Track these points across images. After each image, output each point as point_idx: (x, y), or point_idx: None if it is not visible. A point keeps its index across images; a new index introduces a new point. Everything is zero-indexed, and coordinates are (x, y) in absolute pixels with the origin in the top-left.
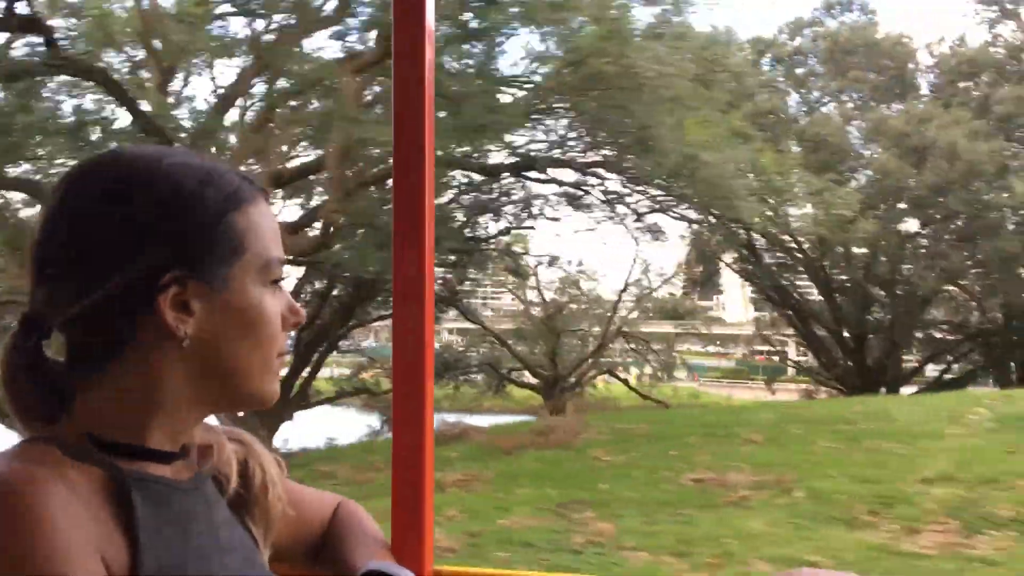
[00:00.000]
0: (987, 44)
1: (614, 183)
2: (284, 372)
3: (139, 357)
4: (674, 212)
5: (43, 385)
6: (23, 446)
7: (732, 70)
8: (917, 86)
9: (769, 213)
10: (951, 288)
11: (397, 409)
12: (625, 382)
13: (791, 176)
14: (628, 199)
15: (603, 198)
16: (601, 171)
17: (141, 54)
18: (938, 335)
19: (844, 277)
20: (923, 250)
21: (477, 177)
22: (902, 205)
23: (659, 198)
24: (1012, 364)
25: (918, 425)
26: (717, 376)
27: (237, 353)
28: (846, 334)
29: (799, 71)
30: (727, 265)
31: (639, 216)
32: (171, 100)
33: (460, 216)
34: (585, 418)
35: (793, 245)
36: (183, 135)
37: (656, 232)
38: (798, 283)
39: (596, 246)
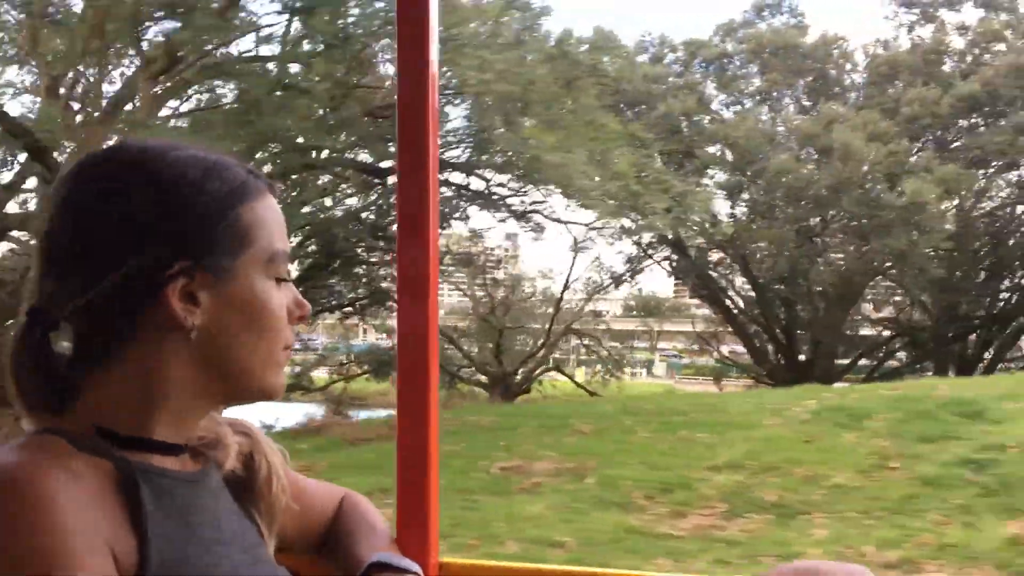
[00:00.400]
0: (914, 46)
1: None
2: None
3: (145, 350)
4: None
5: (49, 378)
6: (30, 438)
7: (608, 75)
8: (845, 88)
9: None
10: (889, 284)
11: (402, 407)
12: (571, 378)
13: (662, 177)
14: (510, 199)
15: (486, 198)
16: (486, 172)
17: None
18: (885, 332)
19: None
20: (827, 249)
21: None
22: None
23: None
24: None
25: (742, 417)
26: (692, 373)
27: (243, 346)
28: (778, 331)
29: (728, 73)
30: (656, 262)
31: (522, 215)
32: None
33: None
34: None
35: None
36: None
37: (538, 230)
38: (735, 281)
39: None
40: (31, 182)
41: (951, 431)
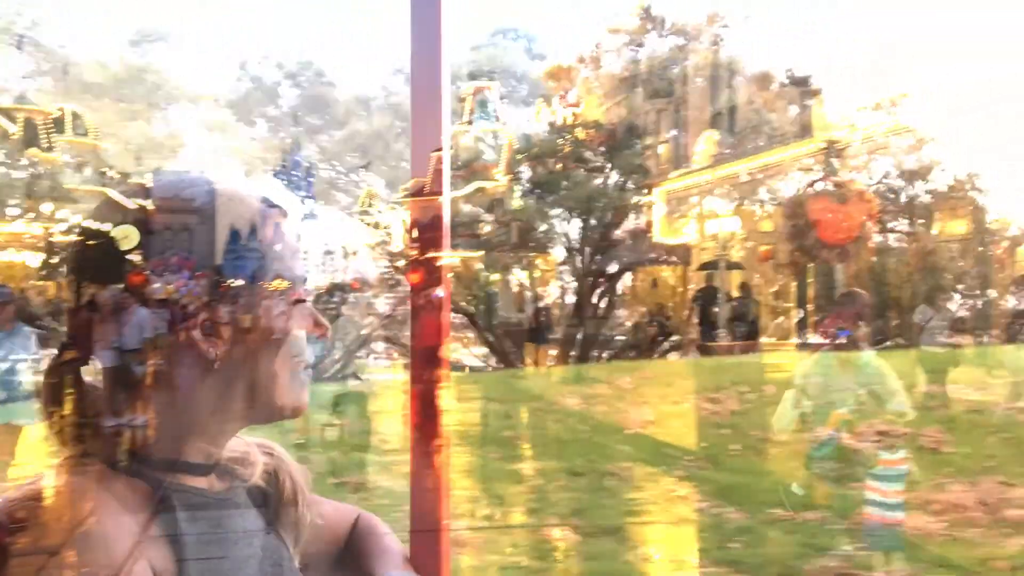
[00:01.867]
0: (605, 71)
1: None
2: None
3: (173, 379)
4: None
5: (83, 407)
6: (69, 461)
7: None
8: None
9: None
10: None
11: (415, 401)
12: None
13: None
14: None
15: None
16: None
17: None
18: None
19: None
20: None
21: None
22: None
23: None
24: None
25: None
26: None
27: (265, 370)
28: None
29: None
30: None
31: None
32: None
33: None
34: None
35: None
36: None
37: None
38: None
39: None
40: None
41: None
